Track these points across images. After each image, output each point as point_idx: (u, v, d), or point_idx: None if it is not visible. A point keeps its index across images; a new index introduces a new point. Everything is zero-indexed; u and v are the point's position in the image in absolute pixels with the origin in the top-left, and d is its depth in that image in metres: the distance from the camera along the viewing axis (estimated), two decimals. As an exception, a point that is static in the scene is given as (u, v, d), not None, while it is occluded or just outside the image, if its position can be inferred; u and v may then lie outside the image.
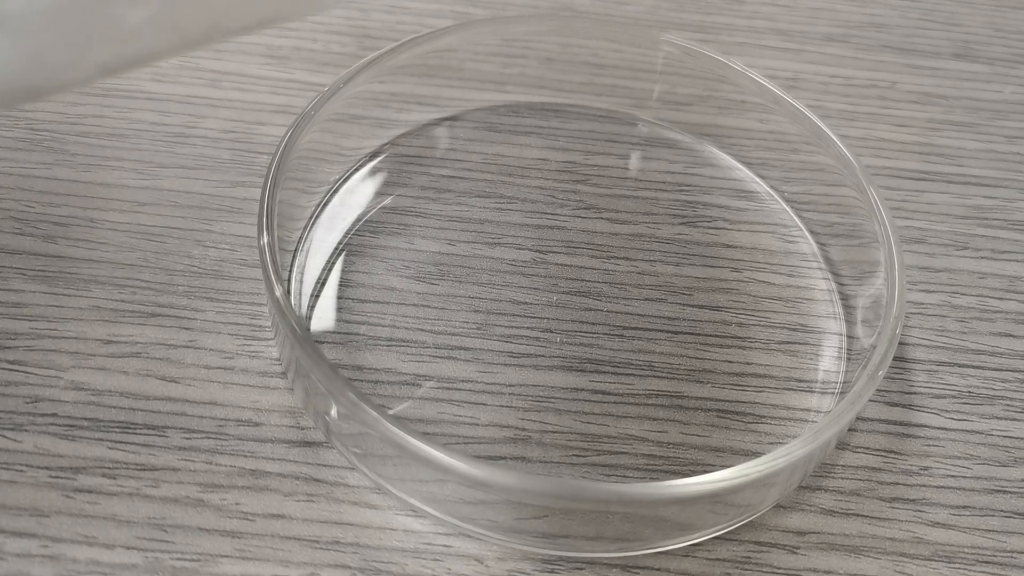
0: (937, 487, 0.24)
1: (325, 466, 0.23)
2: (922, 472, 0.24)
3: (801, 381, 0.26)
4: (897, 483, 0.24)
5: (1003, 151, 0.33)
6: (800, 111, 0.28)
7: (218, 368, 0.25)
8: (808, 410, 0.25)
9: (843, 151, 0.27)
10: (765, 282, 0.28)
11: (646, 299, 0.27)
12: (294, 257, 0.27)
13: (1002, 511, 0.24)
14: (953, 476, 0.24)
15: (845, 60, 0.35)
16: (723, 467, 0.24)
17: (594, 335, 0.26)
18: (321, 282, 0.27)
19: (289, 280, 0.27)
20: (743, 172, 0.31)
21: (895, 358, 0.26)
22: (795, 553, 0.23)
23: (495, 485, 0.20)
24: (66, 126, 0.30)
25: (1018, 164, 0.32)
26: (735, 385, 0.25)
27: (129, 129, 0.30)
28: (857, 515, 0.24)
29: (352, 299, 0.27)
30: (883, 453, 0.25)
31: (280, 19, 0.17)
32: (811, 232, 0.29)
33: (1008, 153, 0.33)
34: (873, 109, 0.34)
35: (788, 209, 0.30)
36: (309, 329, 0.26)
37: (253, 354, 0.25)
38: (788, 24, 0.37)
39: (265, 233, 0.24)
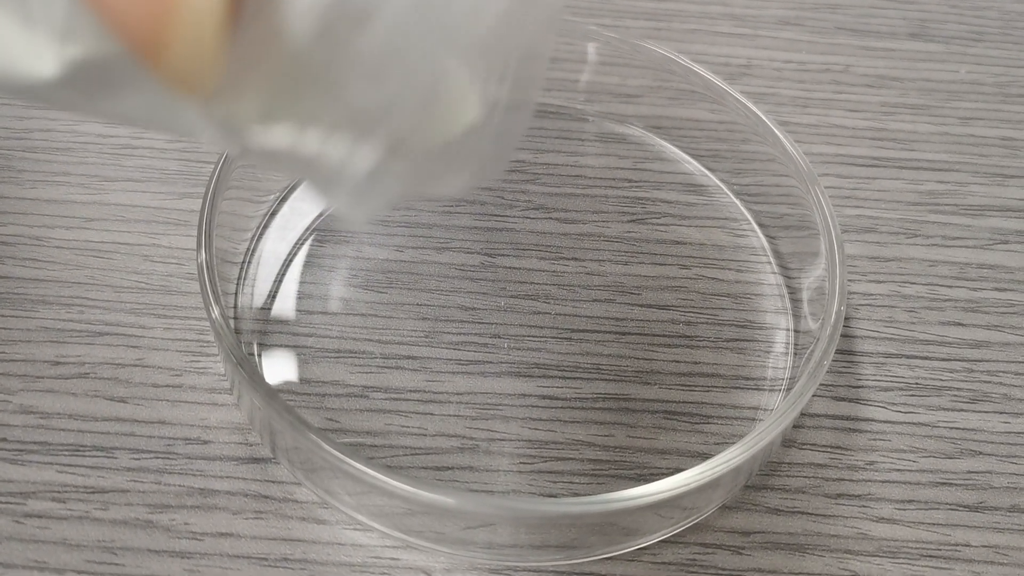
0: (882, 482, 0.24)
1: (273, 482, 0.24)
2: (868, 467, 0.25)
3: (748, 379, 0.26)
4: (842, 479, 0.24)
5: (957, 133, 0.33)
6: (743, 103, 0.28)
7: (166, 386, 0.25)
8: (756, 408, 0.25)
9: (785, 143, 0.27)
10: (714, 278, 0.28)
11: (595, 300, 0.27)
12: (243, 268, 0.27)
13: (947, 504, 0.24)
14: (899, 470, 0.25)
15: (799, 44, 0.35)
16: (668, 470, 0.24)
17: (542, 339, 0.26)
18: (272, 295, 0.27)
19: (237, 293, 0.27)
20: (693, 165, 0.31)
21: (842, 351, 0.27)
22: (740, 554, 0.23)
23: (435, 506, 0.20)
24: (12, 141, 0.30)
25: (971, 147, 0.32)
26: (682, 385, 0.26)
27: (76, 143, 0.30)
28: (802, 513, 0.24)
29: (302, 311, 0.27)
30: (829, 449, 0.25)
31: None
32: (760, 225, 0.29)
33: (962, 135, 0.33)
34: (827, 94, 0.34)
35: (738, 202, 0.30)
36: (253, 346, 0.26)
37: (201, 370, 0.25)
38: (742, 9, 0.36)
39: (204, 250, 0.24)
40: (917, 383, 0.26)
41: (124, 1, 0.12)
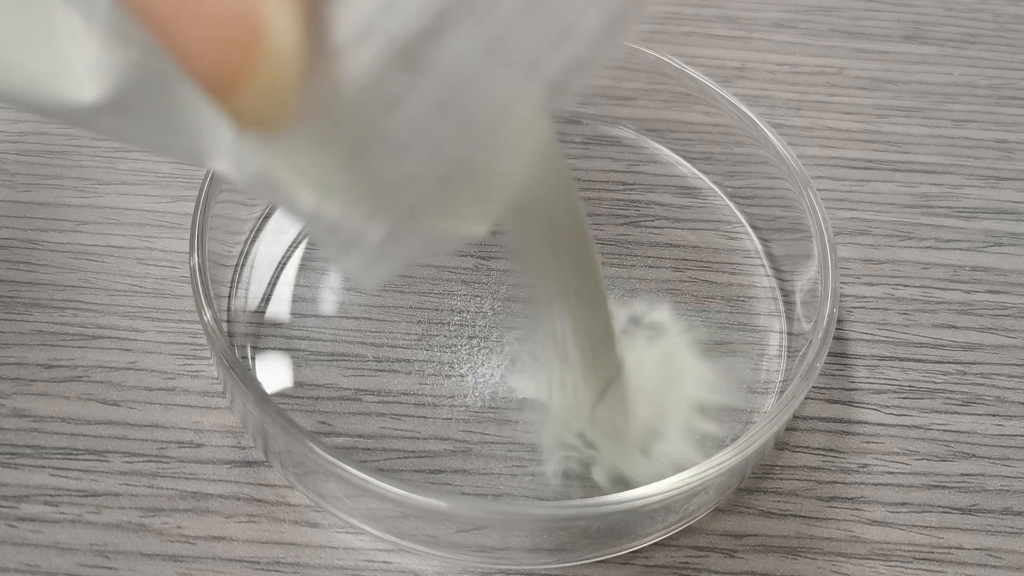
0: (875, 484, 0.24)
1: (266, 485, 0.24)
2: (861, 470, 0.25)
3: (742, 382, 0.26)
4: (835, 482, 0.24)
5: (951, 136, 0.33)
6: (737, 106, 0.28)
7: (159, 389, 0.25)
8: (750, 411, 0.25)
9: (778, 145, 0.27)
10: (707, 281, 0.28)
11: (588, 303, 0.27)
12: (237, 271, 0.27)
13: (940, 507, 0.24)
14: (892, 473, 0.25)
15: (793, 47, 0.35)
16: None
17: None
18: (265, 298, 0.27)
19: (231, 296, 0.27)
20: (686, 168, 0.31)
21: (835, 354, 0.27)
22: (733, 557, 0.23)
23: (427, 509, 0.20)
24: (6, 144, 0.30)
25: (965, 149, 0.32)
26: (675, 388, 0.26)
27: (69, 146, 0.30)
28: (795, 516, 0.24)
29: (295, 314, 0.27)
30: (822, 452, 0.25)
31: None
32: (754, 228, 0.29)
33: (956, 138, 0.33)
34: (820, 97, 0.34)
35: (731, 205, 0.30)
36: (247, 349, 0.26)
37: (194, 374, 0.25)
38: (737, 11, 0.36)
39: (196, 253, 0.24)
40: (910, 386, 0.26)
41: (202, 45, 0.12)
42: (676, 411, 0.25)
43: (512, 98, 0.14)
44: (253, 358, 0.26)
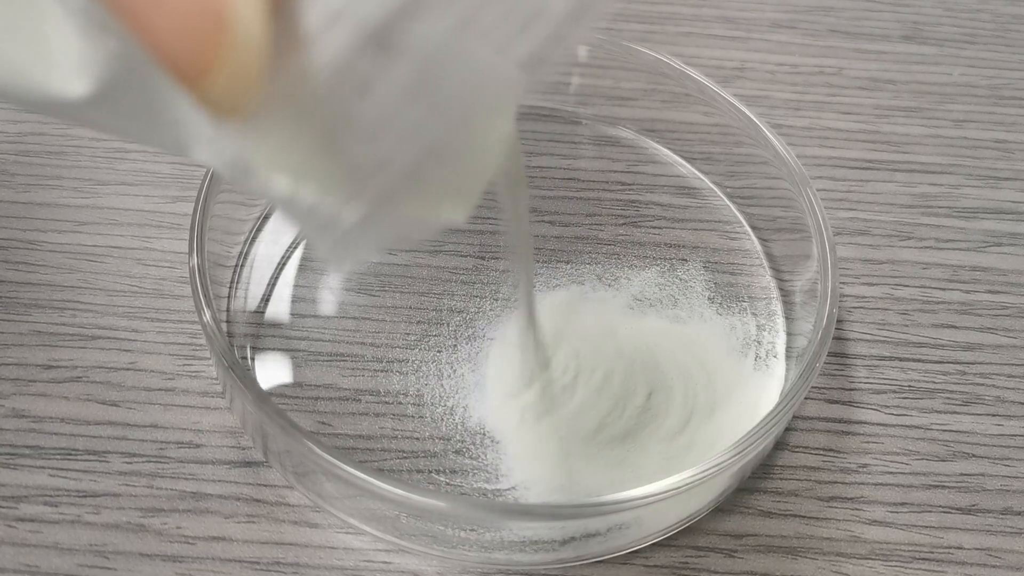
0: (875, 484, 0.24)
1: (265, 486, 0.24)
2: (860, 470, 0.25)
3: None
4: (835, 482, 0.24)
5: (950, 136, 0.33)
6: (736, 106, 0.28)
7: (159, 390, 0.25)
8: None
9: (777, 145, 0.27)
10: (707, 282, 0.28)
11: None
12: (236, 272, 0.27)
13: (940, 506, 0.24)
14: (891, 473, 0.25)
15: (792, 47, 0.35)
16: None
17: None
18: (265, 299, 0.27)
19: (230, 296, 0.27)
20: (686, 168, 0.31)
21: (835, 354, 0.27)
22: (732, 557, 0.23)
23: (426, 509, 0.20)
24: (5, 145, 0.30)
25: (964, 149, 0.32)
26: (675, 388, 0.26)
27: (69, 146, 0.30)
28: (795, 516, 0.24)
29: (295, 314, 0.27)
30: (822, 452, 0.25)
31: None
32: (753, 228, 0.29)
33: (955, 138, 0.33)
34: (820, 97, 0.34)
35: (731, 205, 0.30)
36: (246, 349, 0.26)
37: (194, 374, 0.25)
38: (735, 12, 0.36)
39: (196, 254, 0.24)
40: (910, 386, 0.26)
41: (169, 30, 0.12)
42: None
43: (483, 81, 0.14)
44: (252, 358, 0.26)
